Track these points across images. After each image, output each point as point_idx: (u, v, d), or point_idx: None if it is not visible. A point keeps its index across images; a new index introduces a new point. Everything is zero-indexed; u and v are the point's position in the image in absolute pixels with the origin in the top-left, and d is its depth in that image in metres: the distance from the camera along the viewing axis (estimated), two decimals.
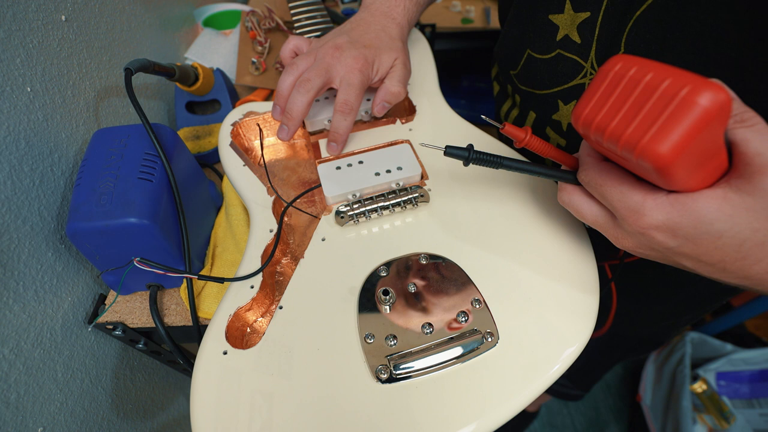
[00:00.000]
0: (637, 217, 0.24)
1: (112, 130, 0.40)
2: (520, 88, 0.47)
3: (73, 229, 0.35)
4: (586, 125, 0.24)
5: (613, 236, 0.28)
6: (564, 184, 0.30)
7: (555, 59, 0.40)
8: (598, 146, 0.25)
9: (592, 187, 0.27)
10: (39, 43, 0.40)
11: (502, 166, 0.29)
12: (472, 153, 0.29)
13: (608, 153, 0.25)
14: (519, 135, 0.29)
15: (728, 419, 0.92)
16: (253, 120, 0.48)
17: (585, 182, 0.27)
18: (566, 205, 0.30)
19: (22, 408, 0.38)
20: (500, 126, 0.28)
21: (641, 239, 0.25)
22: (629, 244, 0.27)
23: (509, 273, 0.35)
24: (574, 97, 0.40)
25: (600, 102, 0.23)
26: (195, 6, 0.75)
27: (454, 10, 0.89)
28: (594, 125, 0.23)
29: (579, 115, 0.25)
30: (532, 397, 0.30)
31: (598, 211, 0.28)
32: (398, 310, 0.34)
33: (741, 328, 1.09)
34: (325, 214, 0.40)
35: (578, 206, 0.29)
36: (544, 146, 0.30)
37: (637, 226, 0.25)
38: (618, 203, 0.25)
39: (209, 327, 0.33)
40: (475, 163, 0.29)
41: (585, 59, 0.38)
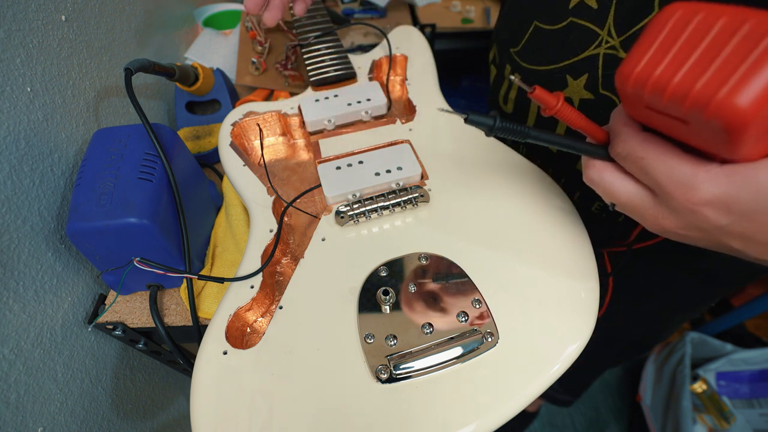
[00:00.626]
0: (688, 191, 0.21)
1: (112, 130, 0.40)
2: (522, 65, 0.45)
3: (73, 229, 0.35)
4: (640, 84, 0.21)
5: (652, 216, 0.25)
6: (592, 160, 0.26)
7: (566, 29, 0.38)
8: (645, 112, 0.22)
9: (631, 161, 0.24)
10: (39, 43, 0.40)
11: (528, 137, 0.26)
12: (498, 121, 0.25)
13: (657, 119, 0.22)
14: (550, 101, 0.25)
15: (728, 419, 0.92)
16: (253, 120, 0.48)
17: (622, 156, 0.24)
18: (595, 183, 0.27)
19: (22, 408, 0.38)
20: (529, 89, 0.25)
21: (689, 218, 0.23)
22: (671, 225, 0.24)
23: (509, 272, 0.35)
24: (584, 70, 0.37)
25: (657, 56, 0.20)
26: (195, 6, 0.75)
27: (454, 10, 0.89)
28: (651, 83, 0.20)
29: (629, 73, 0.21)
30: (532, 397, 0.30)
31: (635, 188, 0.25)
32: (398, 310, 0.34)
33: (741, 328, 1.09)
34: (325, 214, 0.40)
35: (610, 184, 0.26)
36: (575, 115, 0.26)
37: (688, 203, 0.22)
38: (663, 177, 0.22)
39: (209, 327, 0.33)
40: (499, 133, 0.26)
41: (601, 26, 0.35)
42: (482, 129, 0.26)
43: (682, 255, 0.47)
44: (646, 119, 0.23)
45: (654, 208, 0.24)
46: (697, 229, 0.23)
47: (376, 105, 0.48)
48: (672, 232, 0.25)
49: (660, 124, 0.22)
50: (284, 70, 0.64)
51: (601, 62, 0.36)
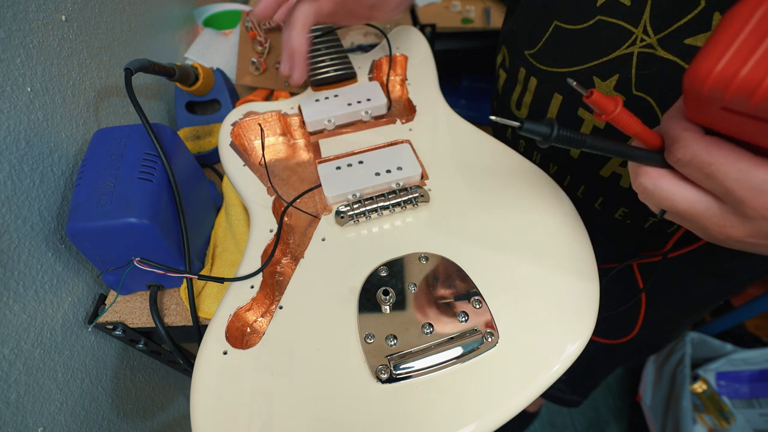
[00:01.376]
0: (765, 197, 0.20)
1: (112, 130, 0.40)
2: (540, 68, 0.43)
3: (73, 229, 0.35)
4: (721, 84, 0.19)
5: (717, 225, 0.23)
6: (644, 167, 0.25)
7: (593, 28, 0.36)
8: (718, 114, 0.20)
9: (694, 167, 0.22)
10: (39, 43, 0.40)
11: (584, 145, 0.24)
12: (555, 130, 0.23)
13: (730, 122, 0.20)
14: (608, 106, 0.23)
15: (728, 419, 0.92)
16: (254, 120, 0.48)
17: (684, 162, 0.23)
18: (648, 192, 0.25)
19: (22, 408, 0.38)
20: (586, 94, 0.23)
21: (762, 226, 0.21)
22: (739, 233, 0.23)
23: (509, 272, 0.35)
24: (615, 71, 0.35)
25: (743, 51, 0.18)
26: (195, 6, 0.75)
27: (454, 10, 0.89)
28: (738, 83, 0.18)
29: (707, 73, 0.19)
30: (532, 397, 0.30)
31: (697, 196, 0.23)
32: (398, 311, 0.34)
33: (741, 328, 1.09)
34: (325, 214, 0.40)
35: (668, 192, 0.24)
36: (632, 121, 0.24)
37: (764, 209, 0.20)
38: (736, 183, 0.21)
39: (209, 327, 0.33)
40: (555, 142, 0.24)
41: (635, 24, 0.33)
42: (537, 138, 0.24)
43: (703, 257, 0.46)
44: (714, 122, 0.21)
45: (720, 216, 0.23)
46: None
47: (376, 105, 0.48)
48: (738, 240, 0.23)
49: (734, 128, 0.21)
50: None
51: (635, 61, 0.34)
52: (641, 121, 0.24)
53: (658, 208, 0.26)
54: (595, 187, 0.44)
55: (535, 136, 0.23)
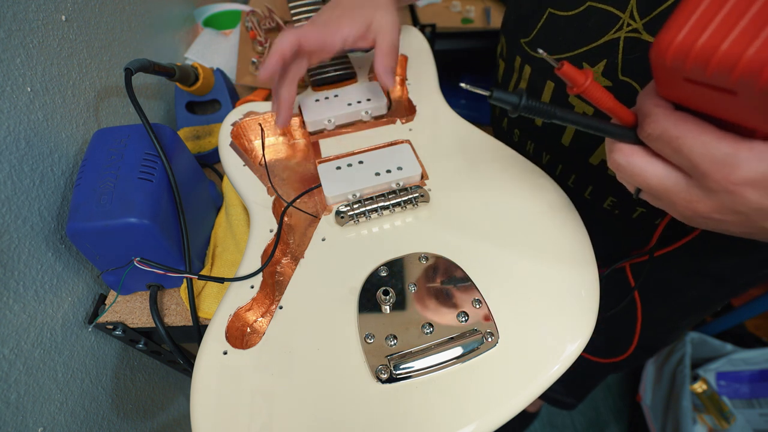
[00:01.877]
0: (727, 170, 0.20)
1: (112, 130, 0.40)
2: (533, 56, 0.44)
3: (73, 229, 0.35)
4: (681, 54, 0.19)
5: (684, 200, 0.23)
6: (618, 143, 0.25)
7: (583, 14, 0.37)
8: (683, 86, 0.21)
9: (663, 141, 0.23)
10: (39, 43, 0.40)
11: (554, 116, 0.25)
12: (524, 99, 0.23)
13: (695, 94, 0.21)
14: (578, 78, 0.24)
15: (728, 419, 0.92)
16: (254, 120, 0.48)
17: (654, 136, 0.23)
18: (621, 168, 0.25)
19: (22, 408, 0.38)
20: (557, 65, 0.23)
21: (726, 199, 0.21)
22: (705, 208, 0.23)
23: (509, 272, 0.35)
24: (603, 56, 0.36)
25: (701, 23, 0.19)
26: (195, 6, 0.75)
27: (454, 10, 0.89)
28: (695, 52, 0.19)
29: (668, 44, 0.20)
30: (532, 397, 0.30)
31: (666, 171, 0.23)
32: (398, 311, 0.34)
33: (741, 328, 1.09)
34: (325, 214, 0.40)
35: (640, 168, 0.24)
36: (604, 95, 0.24)
37: (727, 182, 0.21)
38: (700, 157, 0.21)
39: (209, 327, 0.33)
40: (524, 112, 0.24)
41: (623, 9, 0.34)
42: (507, 107, 0.24)
43: (694, 258, 0.46)
44: (681, 96, 0.22)
45: (687, 190, 0.23)
46: (734, 212, 0.22)
47: (376, 105, 0.48)
48: (705, 216, 0.23)
49: (698, 100, 0.21)
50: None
51: (622, 46, 0.35)
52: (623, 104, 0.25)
53: (633, 187, 0.26)
54: (585, 175, 0.45)
55: (504, 104, 0.24)
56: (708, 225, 0.25)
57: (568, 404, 1.04)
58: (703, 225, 0.25)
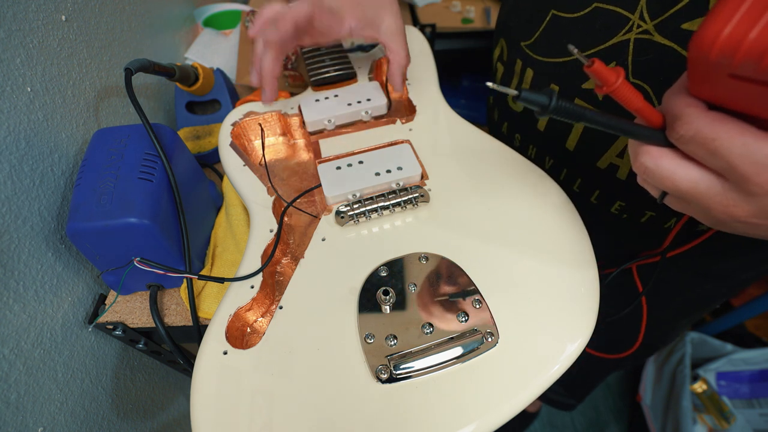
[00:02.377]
0: None
1: (112, 130, 0.40)
2: (536, 59, 0.43)
3: (73, 229, 0.35)
4: (729, 49, 0.18)
5: (720, 204, 0.22)
6: (646, 146, 0.24)
7: (590, 15, 0.36)
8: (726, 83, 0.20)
9: (697, 143, 0.21)
10: (39, 43, 0.40)
11: (584, 119, 0.23)
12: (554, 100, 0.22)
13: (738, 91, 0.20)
14: (610, 77, 0.22)
15: (728, 419, 0.92)
16: (254, 120, 0.48)
17: (686, 138, 0.22)
18: (650, 171, 0.24)
19: (22, 408, 0.38)
20: (587, 63, 0.22)
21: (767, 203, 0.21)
22: (743, 212, 0.22)
23: (509, 272, 0.35)
24: (612, 58, 0.35)
25: (752, 14, 0.18)
26: (195, 6, 0.75)
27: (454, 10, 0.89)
28: (747, 44, 0.18)
29: (714, 38, 0.18)
30: (532, 398, 0.30)
31: (699, 174, 0.22)
32: (398, 311, 0.34)
33: (741, 328, 1.09)
34: (325, 214, 0.40)
35: (670, 171, 0.23)
36: (634, 95, 0.23)
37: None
38: (740, 158, 0.20)
39: (209, 327, 0.33)
40: (554, 114, 0.23)
41: (632, 10, 0.33)
42: (535, 108, 0.23)
43: (700, 259, 0.46)
44: (718, 94, 0.21)
45: (723, 194, 0.22)
46: None
47: (376, 105, 0.48)
48: (742, 221, 0.22)
49: (738, 98, 0.20)
50: (284, 70, 0.64)
51: (632, 48, 0.34)
52: None
53: (658, 191, 0.25)
54: (591, 179, 0.44)
55: (533, 105, 0.23)
56: (743, 229, 0.24)
57: (569, 405, 1.04)
58: (738, 230, 0.24)
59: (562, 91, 0.41)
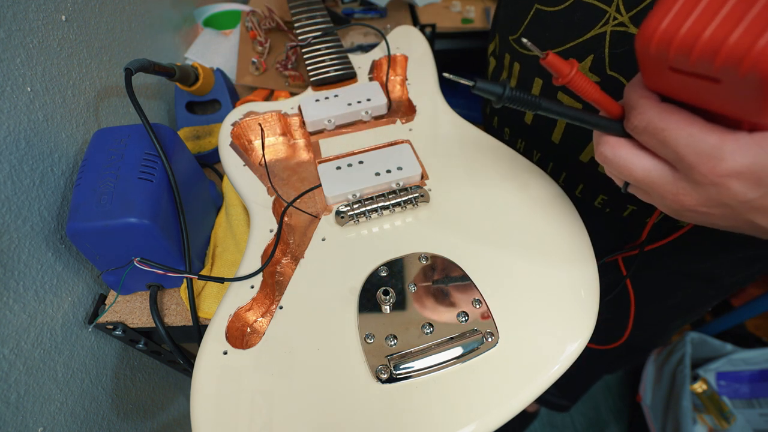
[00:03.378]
0: (713, 162, 0.20)
1: (112, 130, 0.40)
2: (522, 53, 0.43)
3: (73, 229, 0.35)
4: (665, 42, 0.19)
5: (671, 193, 0.23)
6: (605, 136, 0.25)
7: (570, 9, 0.36)
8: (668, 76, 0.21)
9: (649, 133, 0.22)
10: (39, 43, 0.40)
11: (539, 107, 0.24)
12: (507, 90, 0.23)
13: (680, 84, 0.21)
14: (564, 68, 0.23)
15: (728, 419, 0.92)
16: (254, 120, 0.48)
17: (640, 129, 0.23)
18: (608, 160, 0.25)
19: (22, 408, 0.38)
20: (542, 55, 0.23)
21: (712, 192, 0.21)
22: (692, 201, 0.23)
23: (509, 272, 0.35)
24: (590, 51, 0.36)
25: (684, 11, 0.19)
26: (195, 6, 0.75)
27: (454, 10, 0.89)
28: (678, 39, 0.19)
29: (652, 32, 0.20)
30: (532, 398, 0.30)
31: (652, 163, 0.23)
32: (398, 311, 0.34)
33: (741, 328, 1.09)
34: (325, 214, 0.40)
35: (625, 160, 0.24)
36: (589, 86, 0.24)
37: (713, 175, 0.20)
38: (686, 149, 0.21)
39: (209, 327, 0.33)
40: (508, 102, 0.24)
41: (609, 3, 0.33)
42: (491, 98, 0.24)
43: (683, 258, 0.47)
44: (667, 87, 0.22)
45: (674, 183, 0.23)
46: (721, 204, 0.22)
47: (376, 105, 0.48)
48: (692, 209, 0.23)
49: (683, 90, 0.21)
50: (284, 70, 0.64)
51: (608, 40, 0.34)
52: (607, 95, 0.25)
53: (621, 181, 0.26)
54: (575, 173, 0.45)
55: (488, 95, 0.24)
56: (695, 218, 0.25)
57: (563, 406, 1.04)
58: (691, 219, 0.25)
59: (545, 84, 0.42)
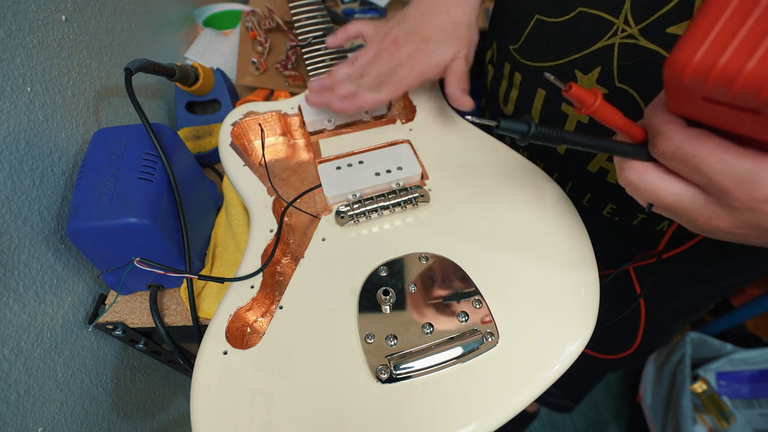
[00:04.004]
0: (750, 188, 0.20)
1: (112, 130, 0.40)
2: (523, 63, 0.42)
3: (73, 229, 0.35)
4: (701, 73, 0.18)
5: (704, 217, 0.23)
6: (630, 161, 0.24)
7: (574, 20, 0.35)
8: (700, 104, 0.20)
9: (678, 159, 0.22)
10: (39, 43, 0.40)
11: (565, 141, 0.24)
12: (533, 128, 0.23)
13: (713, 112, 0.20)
14: (588, 99, 0.23)
15: (728, 419, 0.92)
16: (254, 120, 0.48)
17: (668, 155, 0.22)
18: (634, 186, 0.25)
19: (22, 408, 0.38)
20: (564, 87, 0.23)
21: (748, 216, 0.21)
22: (726, 225, 0.23)
23: (509, 272, 0.35)
24: (597, 63, 0.35)
25: (723, 38, 0.18)
26: (195, 6, 0.75)
27: None
28: (718, 71, 0.18)
29: (686, 62, 0.19)
30: (531, 398, 0.30)
31: (683, 189, 0.23)
32: (398, 311, 0.34)
33: (741, 328, 1.09)
34: (326, 214, 0.40)
35: (654, 186, 0.24)
36: (614, 114, 0.24)
37: (750, 200, 0.20)
38: (720, 174, 0.21)
39: (209, 327, 0.33)
40: (533, 140, 0.23)
41: (616, 15, 0.33)
42: (516, 136, 0.23)
43: (691, 261, 0.46)
44: (696, 113, 0.21)
45: (706, 207, 0.23)
46: (754, 227, 0.22)
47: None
48: (726, 230, 0.23)
49: (716, 119, 0.20)
50: (284, 70, 0.64)
51: (617, 53, 0.34)
52: (623, 114, 0.24)
53: (645, 202, 0.26)
54: (582, 183, 0.44)
55: (513, 134, 0.23)
56: (728, 238, 0.24)
57: (567, 407, 1.04)
58: (724, 238, 0.24)
59: (549, 95, 0.41)
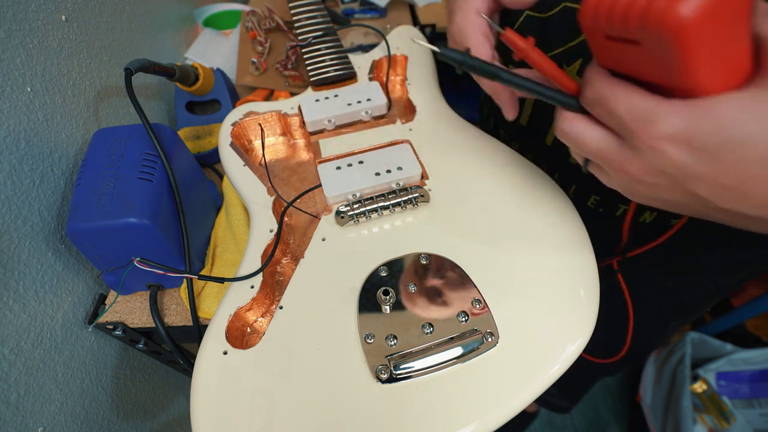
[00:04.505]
0: (649, 126, 0.21)
1: (112, 130, 0.40)
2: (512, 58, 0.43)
3: (73, 229, 0.35)
4: (595, 15, 0.22)
5: (618, 162, 0.24)
6: (565, 112, 0.27)
7: (559, 15, 0.37)
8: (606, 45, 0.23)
9: (599, 104, 0.24)
10: (39, 43, 0.40)
11: (498, 77, 0.26)
12: (468, 58, 0.26)
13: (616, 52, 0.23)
14: (519, 43, 0.26)
15: (728, 419, 0.92)
16: (254, 120, 0.48)
17: (590, 100, 0.24)
18: (566, 135, 0.26)
19: (22, 408, 0.38)
20: (501, 31, 0.26)
21: (652, 159, 0.22)
22: (636, 170, 0.23)
23: (509, 272, 0.35)
24: (578, 56, 0.37)
25: None
26: (195, 6, 0.75)
27: None
28: (603, 9, 0.21)
29: (587, 8, 0.22)
30: (532, 398, 0.30)
31: (602, 135, 0.25)
32: (398, 311, 0.34)
33: (741, 328, 1.09)
34: (325, 214, 0.40)
35: (580, 133, 0.25)
36: (546, 62, 0.26)
37: (648, 138, 0.21)
38: (626, 114, 0.22)
39: (209, 327, 0.33)
40: (470, 70, 0.26)
41: None
42: (454, 64, 0.26)
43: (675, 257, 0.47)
44: (609, 59, 0.24)
45: (619, 152, 0.24)
46: (661, 173, 0.23)
47: (376, 105, 0.48)
48: (638, 179, 0.24)
49: (621, 60, 0.23)
50: (284, 70, 0.64)
51: None
52: None
53: (581, 158, 0.27)
54: (567, 174, 0.45)
55: (451, 61, 0.26)
56: (645, 193, 0.25)
57: (563, 408, 1.04)
58: (642, 194, 0.25)
59: None
